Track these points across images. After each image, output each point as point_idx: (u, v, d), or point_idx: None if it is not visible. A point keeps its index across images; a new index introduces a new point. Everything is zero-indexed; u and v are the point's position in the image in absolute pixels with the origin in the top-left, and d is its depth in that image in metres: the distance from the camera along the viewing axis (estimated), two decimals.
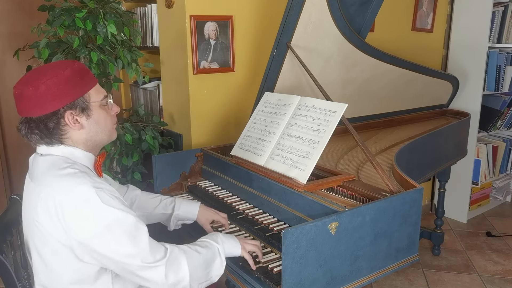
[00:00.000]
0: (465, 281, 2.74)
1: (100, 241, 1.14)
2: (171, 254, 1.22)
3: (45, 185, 1.16)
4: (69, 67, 1.19)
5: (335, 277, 1.33)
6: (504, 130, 3.72)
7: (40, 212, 1.15)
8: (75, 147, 1.24)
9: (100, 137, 1.28)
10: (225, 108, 2.48)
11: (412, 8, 3.21)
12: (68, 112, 1.19)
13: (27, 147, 1.30)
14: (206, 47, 2.34)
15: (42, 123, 1.18)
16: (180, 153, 2.10)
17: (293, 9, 1.96)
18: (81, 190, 1.13)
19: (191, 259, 1.24)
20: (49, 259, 1.19)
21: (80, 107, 1.20)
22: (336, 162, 2.02)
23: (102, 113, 1.26)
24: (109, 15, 2.10)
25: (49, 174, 1.18)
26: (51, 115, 1.17)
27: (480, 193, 3.68)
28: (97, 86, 1.26)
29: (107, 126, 1.29)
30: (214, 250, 1.32)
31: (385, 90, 2.65)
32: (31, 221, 1.19)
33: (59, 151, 1.23)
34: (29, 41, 2.26)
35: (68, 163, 1.20)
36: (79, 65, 1.22)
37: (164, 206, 1.64)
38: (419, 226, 1.52)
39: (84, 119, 1.22)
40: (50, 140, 1.21)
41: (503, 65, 3.36)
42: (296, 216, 1.54)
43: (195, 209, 1.66)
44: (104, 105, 1.27)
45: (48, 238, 1.16)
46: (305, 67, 2.04)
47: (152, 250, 1.19)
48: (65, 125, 1.20)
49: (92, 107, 1.23)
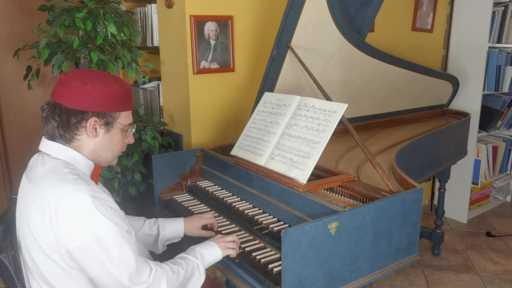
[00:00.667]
0: (465, 281, 2.74)
1: (89, 251, 1.13)
2: (155, 276, 1.22)
3: (42, 188, 1.16)
4: (120, 84, 1.26)
5: (335, 277, 1.33)
6: (504, 130, 3.72)
7: (34, 214, 1.15)
8: (79, 152, 1.25)
9: (105, 154, 1.31)
10: (225, 108, 2.48)
11: (412, 8, 3.21)
12: (94, 119, 1.23)
13: (27, 147, 1.31)
14: (206, 47, 2.34)
15: (67, 115, 1.21)
16: (180, 153, 2.10)
17: (293, 9, 1.96)
18: (77, 198, 1.14)
19: (170, 280, 1.26)
20: (37, 258, 1.19)
21: (106, 120, 1.25)
22: (336, 162, 2.02)
23: (119, 136, 1.31)
24: (109, 15, 2.10)
25: (48, 177, 1.18)
26: (79, 112, 1.21)
27: (480, 193, 3.68)
28: (129, 112, 1.32)
29: (116, 148, 1.33)
30: (194, 266, 1.35)
31: (385, 90, 2.65)
32: (24, 220, 1.20)
33: (62, 153, 1.24)
34: (29, 41, 2.27)
35: (69, 169, 1.21)
36: (128, 88, 1.30)
37: (149, 226, 1.60)
38: (419, 226, 1.52)
39: (103, 132, 1.27)
40: (63, 133, 1.23)
41: (503, 65, 3.36)
42: (296, 216, 1.54)
43: (180, 225, 1.62)
44: (124, 131, 1.32)
45: (38, 239, 1.16)
46: (305, 67, 2.04)
47: (138, 269, 1.19)
48: (83, 127, 1.23)
49: (114, 126, 1.28)
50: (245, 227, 1.65)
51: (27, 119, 2.98)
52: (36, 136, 2.97)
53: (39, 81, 2.93)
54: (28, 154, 1.31)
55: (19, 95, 2.93)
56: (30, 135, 2.99)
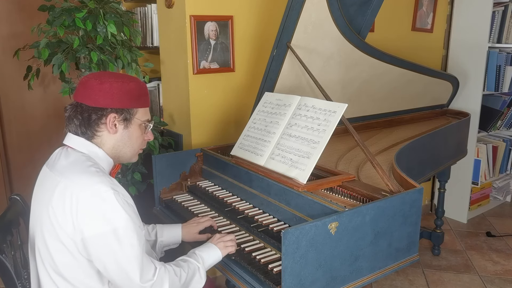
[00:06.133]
0: (465, 281, 2.74)
1: (103, 241, 1.16)
2: (159, 275, 1.26)
3: (65, 177, 1.21)
4: (135, 82, 1.32)
5: (335, 277, 1.33)
6: (504, 130, 3.72)
7: (56, 200, 1.18)
8: (100, 147, 1.30)
9: (125, 151, 1.35)
10: (225, 108, 2.48)
11: (412, 8, 3.21)
12: (112, 115, 1.28)
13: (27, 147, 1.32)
14: (206, 47, 2.34)
15: (88, 112, 1.27)
16: (180, 153, 2.10)
17: (293, 9, 1.96)
18: (99, 188, 1.18)
19: (172, 281, 1.29)
20: (51, 245, 1.21)
21: (124, 116, 1.30)
22: (336, 162, 2.02)
23: (137, 132, 1.35)
24: (109, 15, 2.10)
25: (72, 168, 1.23)
26: (99, 109, 1.27)
27: (480, 193, 3.68)
28: (146, 109, 1.37)
29: (136, 144, 1.37)
30: (195, 268, 1.38)
31: (385, 90, 2.65)
32: (44, 207, 1.22)
33: (85, 148, 1.29)
34: (29, 41, 2.27)
35: (91, 162, 1.26)
36: (143, 85, 1.35)
37: (147, 232, 1.62)
38: (419, 226, 1.52)
39: (122, 127, 1.31)
40: (85, 130, 1.28)
41: (503, 65, 3.36)
42: (296, 216, 1.54)
43: (178, 232, 1.64)
44: (144, 127, 1.37)
45: (55, 226, 1.18)
46: (305, 67, 2.04)
47: (145, 266, 1.23)
48: (104, 124, 1.28)
49: (133, 122, 1.33)
50: (245, 227, 1.65)
51: (27, 119, 2.98)
52: (36, 136, 3.00)
53: (39, 81, 2.93)
54: (28, 154, 1.31)
55: (19, 95, 2.93)
56: (30, 135, 2.99)
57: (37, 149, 2.98)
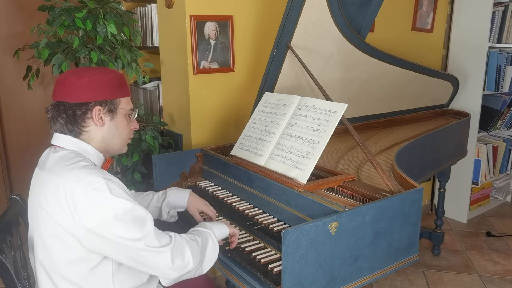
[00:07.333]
0: (465, 281, 2.74)
1: (108, 228, 1.16)
2: (175, 241, 1.26)
3: (56, 174, 1.21)
4: (113, 73, 1.33)
5: (335, 277, 1.33)
6: (504, 130, 3.71)
7: (50, 199, 1.18)
8: (89, 143, 1.30)
9: (114, 142, 1.35)
10: (225, 108, 2.48)
11: (412, 8, 3.21)
12: (97, 108, 1.28)
13: (27, 147, 1.32)
14: (206, 47, 2.34)
15: (72, 109, 1.26)
16: (180, 153, 2.09)
17: (293, 9, 1.96)
18: (92, 180, 1.18)
19: (191, 245, 1.30)
20: (51, 246, 1.21)
21: (109, 107, 1.30)
22: (336, 162, 2.02)
23: (124, 121, 1.36)
24: (109, 15, 2.10)
25: (61, 165, 1.23)
26: (82, 104, 1.26)
27: (480, 193, 3.68)
28: (128, 98, 1.38)
29: (124, 134, 1.38)
30: (206, 235, 1.38)
31: (385, 90, 2.65)
32: (38, 208, 1.22)
33: (73, 145, 1.28)
34: (29, 41, 2.26)
35: (81, 158, 1.26)
36: (122, 76, 1.36)
37: (157, 198, 1.66)
38: (419, 226, 1.52)
39: (108, 119, 1.31)
40: (72, 127, 1.28)
41: (503, 65, 3.36)
42: (296, 216, 1.54)
43: (185, 196, 1.66)
44: (128, 116, 1.37)
45: (53, 224, 1.18)
46: (305, 67, 2.04)
47: (157, 236, 1.23)
48: (90, 118, 1.28)
49: (118, 112, 1.33)
50: (245, 227, 1.65)
51: (27, 119, 2.98)
52: (36, 136, 2.99)
53: (39, 81, 2.93)
54: (28, 154, 1.32)
55: (19, 95, 2.93)
56: (30, 135, 2.99)
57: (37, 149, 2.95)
